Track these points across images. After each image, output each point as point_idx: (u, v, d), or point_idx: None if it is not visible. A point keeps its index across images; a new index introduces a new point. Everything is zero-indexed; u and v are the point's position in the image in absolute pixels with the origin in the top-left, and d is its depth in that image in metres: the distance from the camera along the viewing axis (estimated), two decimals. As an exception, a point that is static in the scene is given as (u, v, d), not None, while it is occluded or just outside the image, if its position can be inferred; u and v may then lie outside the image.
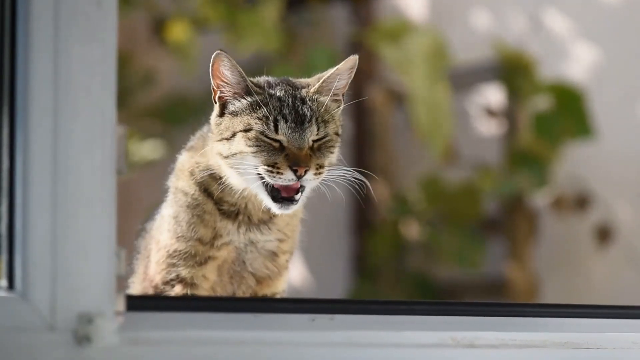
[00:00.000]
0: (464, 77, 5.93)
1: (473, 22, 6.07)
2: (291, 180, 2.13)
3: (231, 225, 2.21)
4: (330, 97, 2.21)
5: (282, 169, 2.13)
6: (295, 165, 2.13)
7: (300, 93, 2.20)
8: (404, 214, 5.89)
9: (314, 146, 2.17)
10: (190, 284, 2.21)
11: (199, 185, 2.22)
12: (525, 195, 5.67)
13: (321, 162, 2.17)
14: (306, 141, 2.15)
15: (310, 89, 2.21)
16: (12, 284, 1.70)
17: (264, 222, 2.23)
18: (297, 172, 2.13)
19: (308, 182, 2.15)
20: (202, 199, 2.21)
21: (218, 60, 2.16)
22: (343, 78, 2.23)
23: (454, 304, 2.27)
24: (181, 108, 5.59)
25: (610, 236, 5.51)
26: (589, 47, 5.66)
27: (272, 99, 2.17)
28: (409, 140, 6.05)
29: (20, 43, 1.70)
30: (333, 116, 2.22)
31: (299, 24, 6.17)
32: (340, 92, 2.24)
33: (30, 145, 1.69)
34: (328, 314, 1.89)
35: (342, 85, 2.24)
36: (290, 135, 2.14)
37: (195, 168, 2.23)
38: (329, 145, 2.19)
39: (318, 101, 2.20)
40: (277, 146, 2.15)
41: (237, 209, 2.21)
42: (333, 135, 2.21)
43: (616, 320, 2.05)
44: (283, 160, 2.13)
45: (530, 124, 5.61)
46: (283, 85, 2.22)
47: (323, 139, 2.19)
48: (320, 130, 2.17)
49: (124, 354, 1.71)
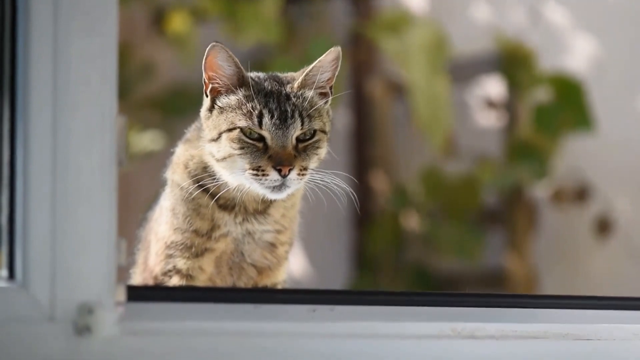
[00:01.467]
0: (463, 69, 5.92)
1: (473, 14, 6.07)
2: (276, 180, 2.13)
3: (228, 216, 2.21)
4: (315, 91, 2.20)
5: (267, 171, 2.13)
6: (279, 165, 2.12)
7: (285, 89, 2.19)
8: (404, 206, 5.89)
9: (298, 147, 2.16)
10: (186, 275, 2.21)
11: (194, 179, 2.22)
12: (524, 187, 5.67)
13: (305, 164, 2.16)
14: (289, 139, 2.15)
15: (295, 84, 2.20)
16: (12, 275, 1.70)
17: (259, 212, 2.23)
18: (281, 172, 2.12)
19: (292, 182, 2.14)
20: (197, 193, 2.21)
21: (214, 52, 2.15)
22: (327, 71, 2.21)
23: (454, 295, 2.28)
24: (181, 99, 5.59)
25: (609, 228, 5.51)
26: (589, 39, 5.65)
27: (259, 94, 2.16)
28: (409, 132, 6.05)
29: (20, 35, 1.70)
30: (319, 111, 2.20)
31: (299, 16, 6.16)
32: (327, 86, 2.22)
33: (30, 136, 1.69)
34: (328, 304, 1.89)
35: (327, 78, 2.21)
36: (273, 132, 2.14)
37: (190, 161, 2.23)
38: (315, 146, 2.18)
39: (303, 96, 2.19)
40: (260, 146, 2.14)
41: (233, 201, 2.21)
42: (319, 133, 2.19)
43: (617, 311, 2.05)
44: (267, 161, 2.13)
45: (530, 116, 5.61)
46: (270, 81, 2.21)
47: (309, 139, 2.17)
48: (304, 125, 2.16)
49: (124, 344, 1.71)
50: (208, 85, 2.19)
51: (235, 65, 2.17)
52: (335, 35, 6.16)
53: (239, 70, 2.18)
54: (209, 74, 2.18)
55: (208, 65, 2.17)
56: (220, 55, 2.16)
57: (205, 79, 2.19)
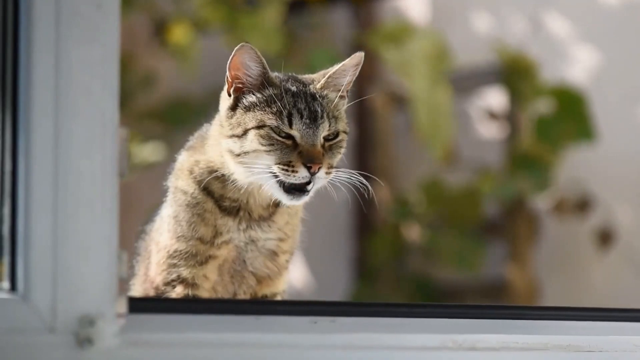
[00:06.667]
0: (465, 79, 5.93)
1: (474, 25, 6.07)
2: (305, 177, 2.14)
3: (231, 222, 2.21)
4: (336, 94, 2.23)
5: (296, 167, 2.15)
6: (309, 162, 2.15)
7: (309, 89, 2.22)
8: (405, 217, 5.89)
9: (325, 145, 2.19)
10: (191, 284, 2.21)
11: (199, 184, 2.22)
12: (526, 198, 5.67)
13: (332, 162, 2.19)
14: (319, 138, 2.17)
15: (317, 85, 2.23)
16: (14, 286, 1.70)
17: (264, 219, 2.23)
18: (310, 169, 2.15)
19: (319, 180, 2.17)
20: (202, 197, 2.22)
21: (242, 51, 2.17)
22: (348, 74, 2.25)
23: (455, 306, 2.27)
24: (182, 110, 5.60)
25: (610, 239, 5.51)
26: (590, 49, 5.66)
27: (287, 94, 2.19)
28: (410, 142, 6.05)
29: (22, 45, 1.70)
30: (341, 113, 2.25)
31: (300, 26, 6.17)
32: (345, 89, 2.26)
33: (32, 147, 1.69)
34: (329, 316, 1.89)
35: (348, 82, 2.26)
36: (304, 132, 2.16)
37: (195, 166, 2.24)
38: (339, 145, 2.22)
39: (327, 97, 2.23)
40: (290, 144, 2.16)
41: (239, 204, 2.21)
42: (342, 133, 2.23)
43: (618, 323, 2.05)
44: (297, 157, 2.15)
45: (532, 126, 5.61)
46: (292, 81, 2.24)
47: (334, 139, 2.21)
48: (331, 126, 2.20)
49: (125, 356, 1.71)
50: (231, 84, 2.21)
51: (262, 65, 2.19)
52: (336, 46, 6.17)
53: (265, 71, 2.20)
54: (234, 73, 2.20)
55: (234, 64, 2.19)
56: (249, 55, 2.18)
57: (228, 78, 2.21)
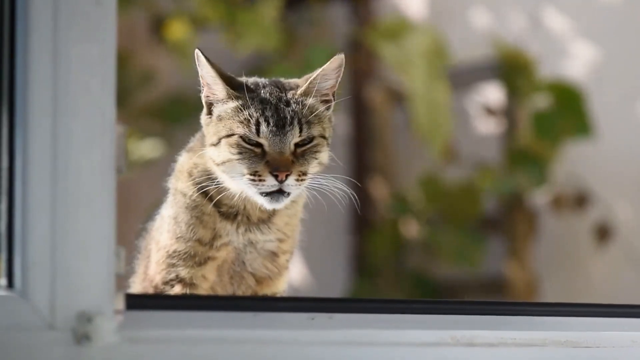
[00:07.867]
0: (463, 75, 5.93)
1: (472, 21, 6.07)
2: (273, 186, 2.12)
3: (230, 226, 2.21)
4: (317, 98, 2.19)
5: (263, 176, 2.12)
6: (275, 171, 2.11)
7: (286, 95, 2.18)
8: (404, 213, 5.89)
9: (297, 152, 2.15)
10: (189, 284, 2.21)
11: (198, 187, 2.21)
12: (524, 194, 5.67)
13: (304, 169, 2.15)
14: (287, 145, 2.14)
15: (298, 91, 2.19)
16: (11, 283, 1.70)
17: (263, 221, 2.23)
18: (277, 177, 2.12)
19: (290, 188, 2.13)
20: (201, 201, 2.21)
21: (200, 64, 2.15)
22: (330, 78, 2.20)
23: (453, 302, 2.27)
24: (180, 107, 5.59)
25: (609, 235, 5.51)
26: (588, 45, 5.66)
27: (254, 102, 2.15)
28: (409, 139, 6.05)
29: (19, 42, 1.70)
30: (320, 118, 2.19)
31: (299, 23, 6.17)
32: (330, 92, 2.21)
33: (29, 144, 1.69)
34: (327, 312, 1.89)
35: (330, 85, 2.21)
36: (271, 139, 2.13)
37: (194, 169, 2.23)
38: (313, 151, 2.17)
39: (303, 103, 2.18)
40: (258, 152, 2.13)
41: (236, 210, 2.21)
42: (319, 138, 2.18)
43: (616, 319, 2.05)
44: (264, 167, 2.12)
45: (530, 122, 5.61)
46: (270, 87, 2.20)
47: (307, 145, 2.16)
48: (303, 131, 2.15)
49: (124, 352, 1.71)
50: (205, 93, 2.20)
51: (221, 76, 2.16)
52: (334, 42, 6.17)
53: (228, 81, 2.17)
54: (203, 82, 2.19)
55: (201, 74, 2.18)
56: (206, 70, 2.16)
57: (202, 85, 2.20)
